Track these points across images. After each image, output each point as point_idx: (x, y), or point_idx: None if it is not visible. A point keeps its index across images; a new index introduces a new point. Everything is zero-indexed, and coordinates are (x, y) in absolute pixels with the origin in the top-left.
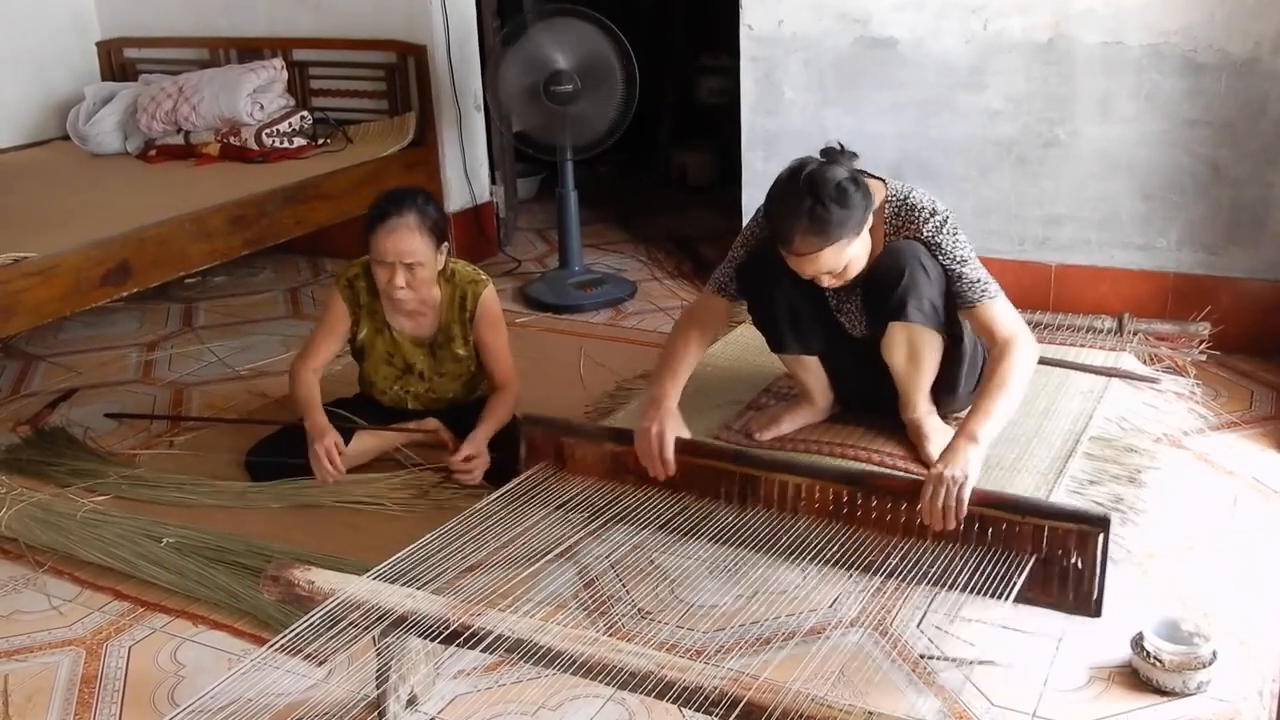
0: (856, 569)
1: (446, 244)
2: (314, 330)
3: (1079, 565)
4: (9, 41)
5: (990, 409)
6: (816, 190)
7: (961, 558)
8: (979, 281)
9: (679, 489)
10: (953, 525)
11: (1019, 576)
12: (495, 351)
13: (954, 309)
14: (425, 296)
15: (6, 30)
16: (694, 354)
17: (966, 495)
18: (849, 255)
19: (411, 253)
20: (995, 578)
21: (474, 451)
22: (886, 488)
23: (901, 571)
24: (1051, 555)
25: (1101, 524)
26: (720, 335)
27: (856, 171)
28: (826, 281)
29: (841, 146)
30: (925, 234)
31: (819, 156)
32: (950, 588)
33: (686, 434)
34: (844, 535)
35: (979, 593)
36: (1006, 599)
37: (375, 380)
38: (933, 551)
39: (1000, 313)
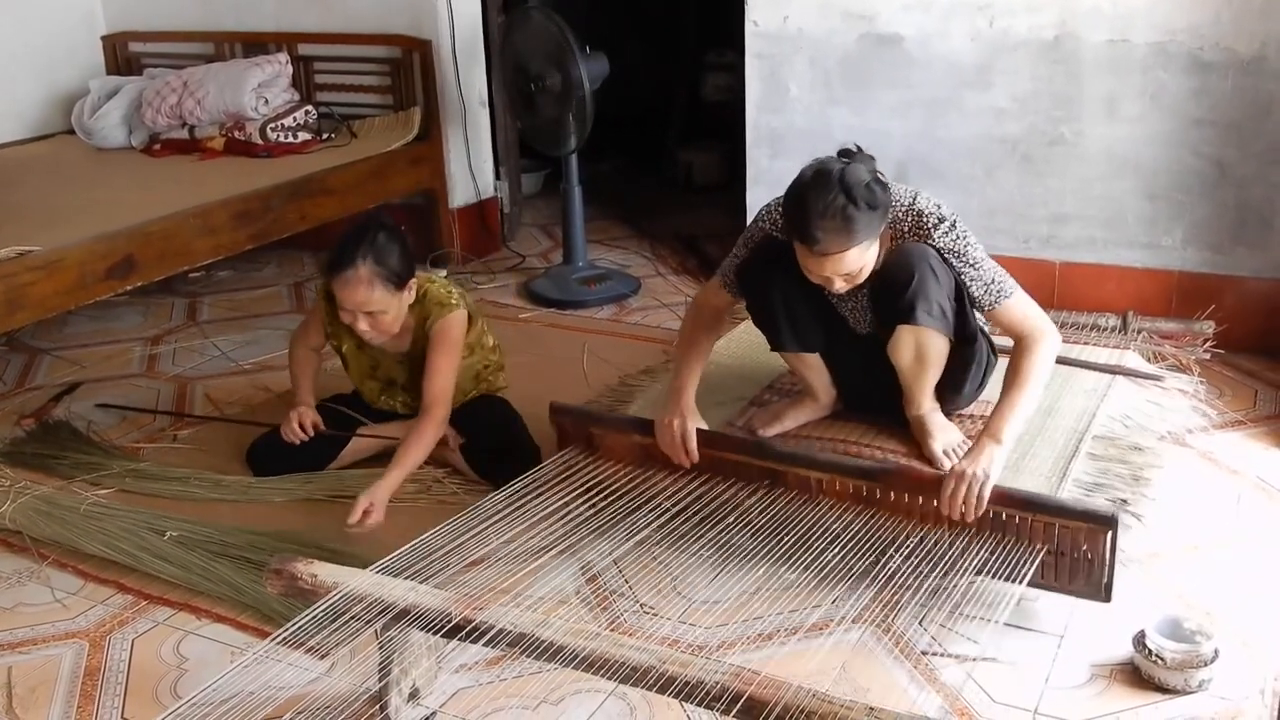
0: (870, 555)
1: (412, 281)
2: (308, 317)
3: (1089, 556)
4: (15, 35)
5: (1014, 407)
6: (850, 189)
7: (976, 547)
8: (994, 282)
9: (705, 475)
10: (970, 519)
11: (1030, 566)
12: (430, 370)
13: (964, 310)
14: (393, 333)
15: (12, 24)
16: (705, 347)
17: (987, 493)
18: (867, 258)
19: (366, 303)
20: (1008, 566)
21: (369, 503)
22: (907, 478)
23: (914, 559)
24: (1062, 548)
25: (1109, 522)
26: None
27: (879, 173)
28: (838, 285)
29: (859, 148)
30: (935, 239)
31: (840, 158)
32: (962, 575)
33: (704, 425)
34: (862, 522)
35: (993, 576)
36: (1020, 582)
37: (363, 391)
38: (947, 539)
39: (1022, 309)
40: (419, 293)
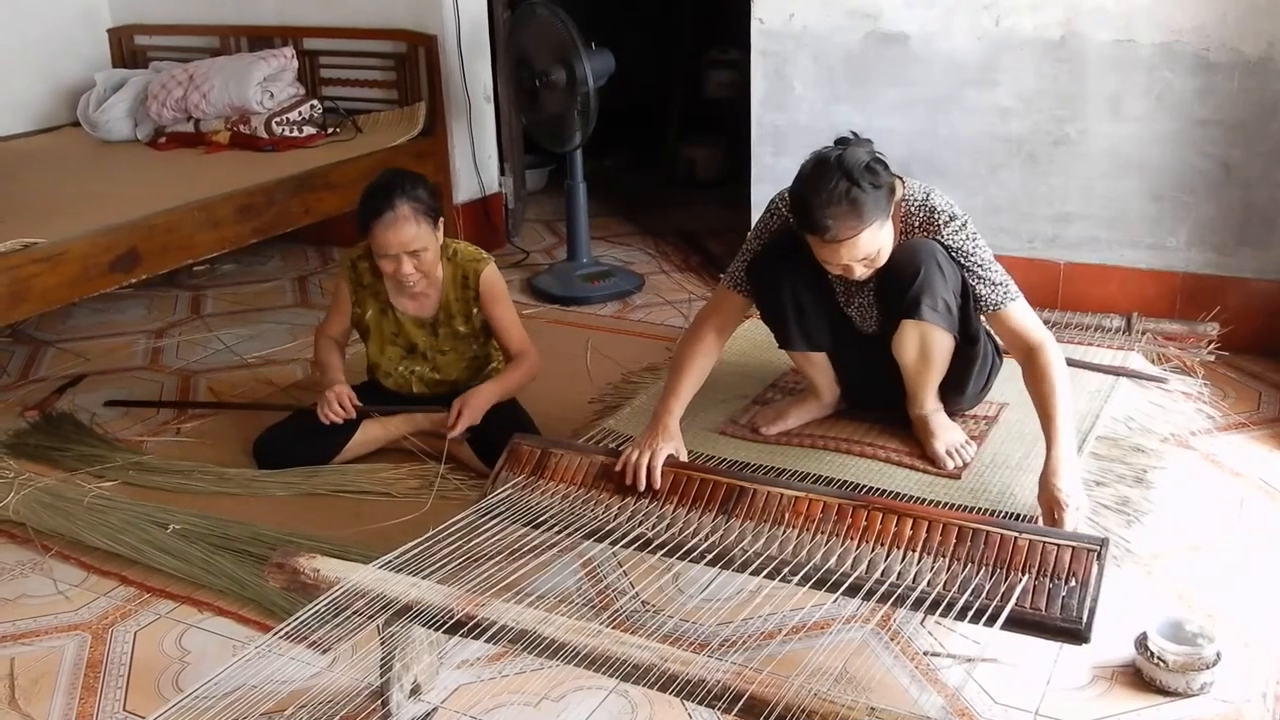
0: (843, 590)
1: (441, 219)
2: (328, 308)
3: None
4: (20, 28)
5: (1066, 427)
6: (850, 172)
7: (952, 575)
8: (1000, 285)
9: (663, 499)
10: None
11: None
12: (505, 325)
13: (969, 309)
14: (434, 276)
15: (18, 17)
16: (705, 362)
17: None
18: (882, 240)
19: (412, 240)
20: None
21: (461, 406)
22: (879, 508)
23: (891, 593)
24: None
25: (1098, 543)
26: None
27: (878, 153)
28: (859, 272)
29: (855, 134)
30: (944, 237)
31: (835, 146)
32: (940, 612)
33: (683, 456)
34: (832, 550)
35: (967, 618)
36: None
37: (381, 362)
38: (922, 565)
39: (1023, 316)
40: (449, 250)
